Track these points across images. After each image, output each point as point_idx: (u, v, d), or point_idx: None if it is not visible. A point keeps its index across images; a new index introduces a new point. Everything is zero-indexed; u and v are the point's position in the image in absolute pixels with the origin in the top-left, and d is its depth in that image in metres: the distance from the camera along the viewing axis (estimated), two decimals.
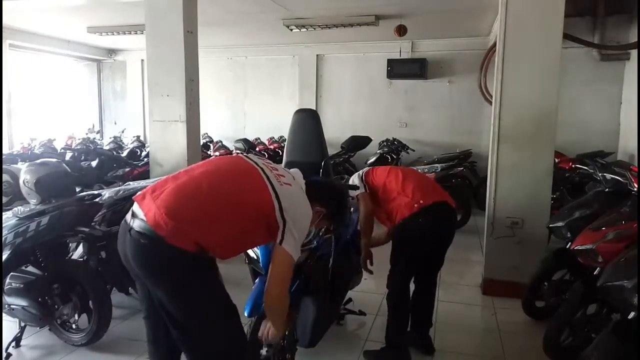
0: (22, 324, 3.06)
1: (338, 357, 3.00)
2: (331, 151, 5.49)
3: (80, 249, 3.35)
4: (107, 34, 8.22)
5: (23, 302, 2.90)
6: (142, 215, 1.81)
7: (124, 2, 6.17)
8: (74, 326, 3.04)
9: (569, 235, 3.06)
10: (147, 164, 5.37)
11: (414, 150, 8.11)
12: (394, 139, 8.07)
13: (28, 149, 7.52)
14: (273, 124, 9.32)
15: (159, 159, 4.65)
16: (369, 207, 2.98)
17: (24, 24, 8.00)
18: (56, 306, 2.97)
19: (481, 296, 3.99)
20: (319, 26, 7.11)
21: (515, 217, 3.87)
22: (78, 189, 3.80)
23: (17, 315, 2.98)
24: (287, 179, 1.96)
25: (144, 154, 7.45)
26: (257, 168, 1.94)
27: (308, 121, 2.96)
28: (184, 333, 1.87)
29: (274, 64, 9.66)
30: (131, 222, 1.83)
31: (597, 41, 6.50)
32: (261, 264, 2.23)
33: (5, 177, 4.65)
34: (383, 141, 8.02)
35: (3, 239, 2.84)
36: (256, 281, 2.33)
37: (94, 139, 9.04)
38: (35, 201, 3.04)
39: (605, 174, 3.30)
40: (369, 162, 7.24)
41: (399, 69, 8.42)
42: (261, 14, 6.73)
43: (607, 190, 3.21)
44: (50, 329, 3.07)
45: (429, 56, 8.45)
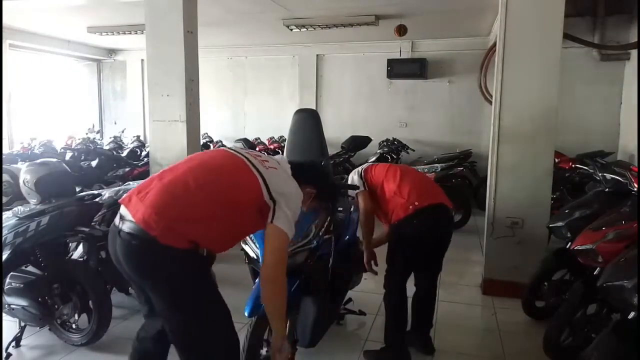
0: (22, 324, 3.06)
1: (338, 357, 3.00)
2: (331, 151, 5.49)
3: (80, 249, 3.36)
4: (107, 34, 8.22)
5: (23, 302, 2.90)
6: (130, 217, 1.80)
7: (124, 2, 6.17)
8: (74, 326, 3.04)
9: (569, 235, 3.06)
10: (147, 164, 5.37)
11: (414, 150, 8.11)
12: (394, 139, 8.08)
13: (28, 149, 7.52)
14: (273, 124, 9.32)
15: (159, 159, 4.65)
16: (369, 206, 2.96)
17: (24, 24, 8.00)
18: (56, 306, 2.97)
19: (481, 296, 3.99)
20: (319, 26, 7.11)
21: (515, 217, 3.87)
22: (78, 189, 3.80)
23: (17, 315, 2.98)
24: (272, 163, 1.99)
25: (144, 154, 7.45)
26: (241, 157, 1.96)
27: (308, 121, 2.96)
28: (179, 332, 1.87)
29: (274, 64, 9.66)
30: (120, 225, 1.82)
31: (597, 41, 6.49)
32: (261, 263, 2.22)
33: (5, 177, 4.64)
34: (383, 141, 8.02)
35: (3, 239, 2.85)
36: (256, 281, 2.33)
37: (94, 139, 9.03)
38: (35, 201, 3.04)
39: (605, 174, 3.30)
40: (369, 162, 7.23)
41: (399, 69, 8.41)
42: (261, 14, 6.73)
43: (607, 190, 3.21)
44: (50, 329, 3.07)
45: (429, 56, 8.45)
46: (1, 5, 3.99)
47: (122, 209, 1.86)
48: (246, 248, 2.34)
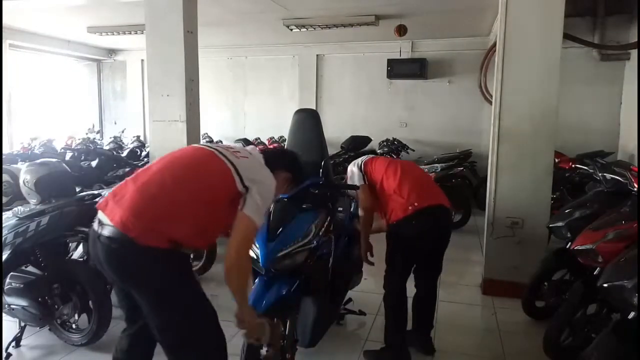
0: (22, 324, 3.06)
1: (338, 357, 3.00)
2: (331, 151, 5.49)
3: (80, 249, 3.36)
4: (107, 34, 8.22)
5: (23, 302, 2.90)
6: (108, 221, 1.81)
7: (124, 2, 6.17)
8: (74, 326, 3.05)
9: (569, 235, 3.06)
10: (147, 164, 5.35)
11: (414, 150, 8.11)
12: (394, 138, 8.07)
13: (28, 149, 7.52)
14: (273, 124, 9.32)
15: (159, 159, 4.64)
16: (369, 201, 2.93)
17: (24, 24, 8.00)
18: (56, 306, 2.97)
19: (481, 296, 3.99)
20: (319, 26, 7.11)
21: (515, 217, 3.87)
22: (78, 189, 3.80)
23: (17, 315, 2.99)
24: (243, 153, 2.04)
25: (144, 154, 7.45)
26: (211, 149, 2.01)
27: (308, 121, 2.96)
28: (165, 332, 1.87)
29: (274, 64, 9.66)
30: (99, 230, 1.83)
31: (597, 41, 6.50)
32: (261, 264, 2.23)
33: (5, 177, 4.65)
34: (383, 141, 8.02)
35: (3, 239, 2.85)
36: (256, 281, 2.33)
37: (94, 139, 9.04)
38: (35, 201, 3.04)
39: (605, 174, 3.30)
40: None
41: (399, 69, 8.41)
42: (261, 14, 6.73)
43: (607, 190, 3.21)
44: (50, 329, 3.07)
45: (429, 56, 8.45)
46: (1, 5, 3.99)
47: (100, 214, 1.88)
48: None
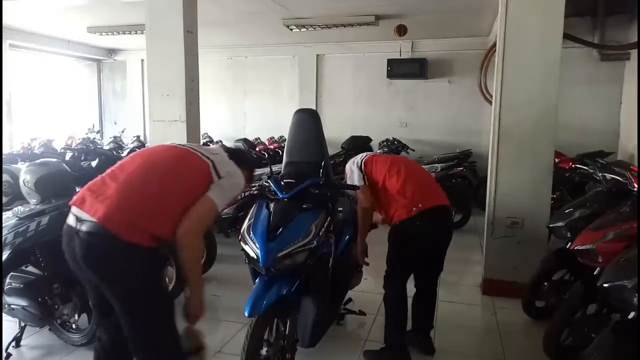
0: (22, 324, 3.06)
1: (338, 357, 3.01)
2: (331, 151, 5.49)
3: None
4: (107, 34, 8.23)
5: (23, 302, 2.90)
6: (89, 217, 1.82)
7: (124, 2, 6.17)
8: (74, 326, 3.05)
9: (569, 235, 3.06)
10: None
11: (414, 150, 8.11)
12: (394, 138, 8.07)
13: (28, 149, 7.52)
14: (273, 124, 9.32)
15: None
16: (369, 201, 2.91)
17: (24, 24, 8.00)
18: (56, 306, 2.97)
19: (481, 296, 4.00)
20: (319, 26, 7.11)
21: (515, 217, 3.87)
22: (78, 189, 3.80)
23: (17, 315, 2.99)
24: (213, 150, 2.20)
25: None
26: (187, 148, 2.15)
27: (308, 121, 2.95)
28: (136, 330, 1.89)
29: (274, 64, 9.66)
30: (77, 226, 1.83)
31: (597, 41, 6.50)
32: (261, 264, 2.23)
33: (5, 177, 4.65)
34: (383, 141, 8.03)
35: (3, 239, 2.84)
36: (256, 281, 2.33)
37: (94, 139, 9.04)
38: (35, 201, 3.04)
39: (605, 174, 3.30)
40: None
41: (399, 69, 8.41)
42: (261, 14, 6.73)
43: (607, 190, 3.21)
44: (50, 329, 3.07)
45: (429, 56, 8.45)
46: (1, 5, 3.99)
47: (76, 211, 1.88)
48: (246, 248, 2.33)
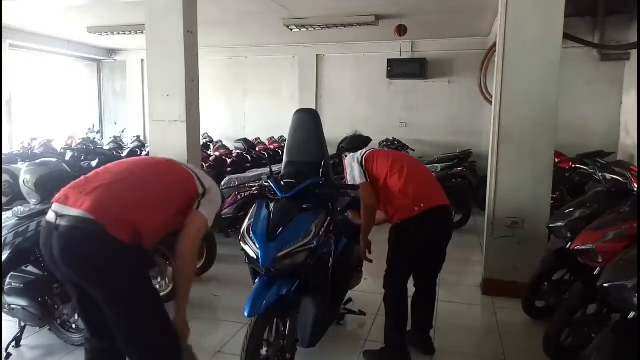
0: (22, 324, 3.06)
1: (338, 357, 3.00)
2: (331, 151, 5.48)
3: None
4: (107, 34, 8.23)
5: (23, 302, 2.89)
6: (72, 211, 1.83)
7: (124, 2, 6.17)
8: (74, 326, 3.04)
9: (569, 235, 3.06)
10: None
11: (414, 150, 8.11)
12: (394, 138, 8.08)
13: (28, 149, 7.52)
14: (273, 124, 9.33)
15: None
16: (372, 199, 2.88)
17: (24, 24, 8.00)
18: (56, 306, 2.97)
19: (481, 296, 4.00)
20: (319, 26, 7.11)
21: (515, 217, 3.87)
22: None
23: (17, 315, 2.98)
24: (192, 166, 2.34)
25: (144, 154, 7.45)
26: (169, 159, 2.30)
27: (308, 121, 2.95)
28: (122, 324, 1.90)
29: (274, 64, 9.67)
30: (57, 221, 1.84)
31: (597, 41, 6.50)
32: (261, 264, 2.23)
33: (5, 177, 4.66)
34: (383, 141, 8.03)
35: (3, 239, 2.84)
36: (256, 281, 2.33)
37: (94, 139, 9.05)
38: (35, 201, 3.04)
39: (605, 174, 3.30)
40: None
41: (399, 69, 8.42)
42: (261, 14, 6.73)
43: (607, 190, 3.21)
44: (50, 329, 3.07)
45: (429, 56, 8.45)
46: (1, 5, 3.99)
47: (58, 207, 1.90)
48: (246, 248, 2.33)
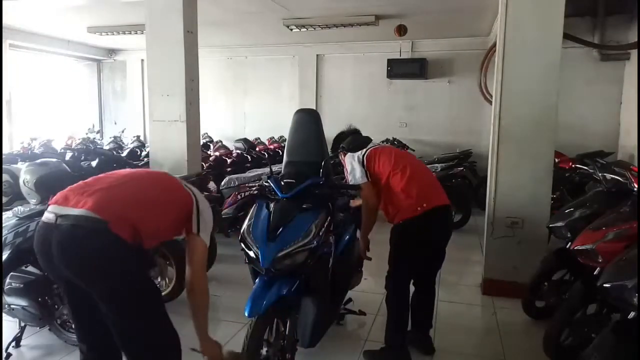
0: (22, 324, 3.06)
1: (338, 357, 3.00)
2: (331, 151, 5.48)
3: None
4: (107, 34, 8.23)
5: (23, 302, 2.89)
6: (75, 211, 1.85)
7: (124, 2, 6.17)
8: (73, 326, 3.04)
9: (569, 235, 3.06)
10: (147, 164, 5.38)
11: (414, 150, 8.10)
12: (394, 138, 8.08)
13: (28, 149, 7.52)
14: (273, 124, 9.33)
15: (159, 159, 4.66)
16: (374, 198, 2.88)
17: (24, 24, 8.00)
18: (56, 306, 2.97)
19: (481, 296, 3.99)
20: (319, 26, 7.11)
21: (515, 217, 3.87)
22: None
23: (17, 315, 2.98)
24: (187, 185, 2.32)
25: (144, 154, 7.45)
26: (166, 173, 2.33)
27: (308, 121, 2.95)
28: (124, 324, 1.90)
29: (274, 64, 9.67)
30: (59, 220, 1.85)
31: (597, 41, 6.50)
32: (261, 264, 2.23)
33: (5, 177, 4.66)
34: (383, 141, 8.02)
35: (3, 239, 2.84)
36: (256, 281, 2.33)
37: (94, 139, 9.04)
38: (35, 201, 3.04)
39: (605, 174, 3.30)
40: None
41: (399, 68, 8.42)
42: (261, 14, 6.73)
43: (607, 190, 3.21)
44: (50, 329, 3.07)
45: (429, 56, 8.45)
46: (1, 5, 3.99)
47: (56, 209, 1.91)
48: (246, 248, 2.33)
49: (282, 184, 2.56)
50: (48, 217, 1.91)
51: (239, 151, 7.25)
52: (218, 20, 6.97)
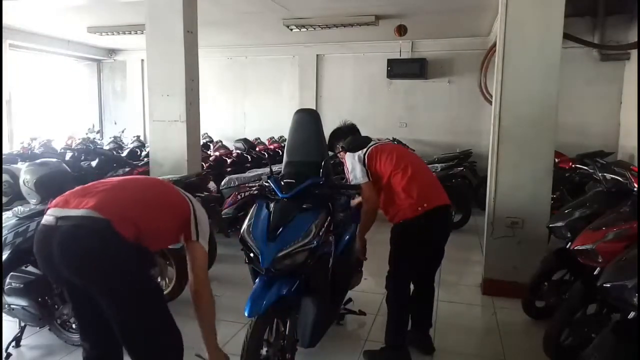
0: (22, 324, 3.06)
1: (338, 357, 3.00)
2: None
3: None
4: (107, 34, 8.23)
5: (23, 302, 2.89)
6: (77, 212, 1.87)
7: (124, 2, 6.17)
8: (74, 326, 3.03)
9: (569, 235, 3.06)
10: (147, 164, 5.37)
11: (413, 150, 8.06)
12: (394, 138, 8.06)
13: (28, 149, 7.51)
14: (273, 124, 9.33)
15: (159, 159, 4.66)
16: (375, 200, 2.87)
17: (24, 24, 8.00)
18: (56, 306, 2.97)
19: (481, 296, 3.99)
20: (319, 26, 7.11)
21: (515, 217, 3.87)
22: None
23: (17, 315, 2.98)
24: (184, 192, 2.34)
25: (144, 154, 7.45)
26: (161, 180, 2.36)
27: (308, 121, 2.95)
28: (126, 323, 1.90)
29: (274, 64, 9.67)
30: (59, 222, 1.86)
31: (597, 41, 6.50)
32: (261, 264, 2.23)
33: (5, 177, 4.65)
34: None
35: (3, 239, 2.84)
36: (256, 281, 2.33)
37: (94, 139, 9.04)
38: (35, 201, 3.04)
39: (605, 174, 3.30)
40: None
41: (399, 69, 8.42)
42: (261, 14, 6.73)
43: (607, 190, 3.21)
44: (50, 329, 3.07)
45: (429, 56, 8.45)
46: (1, 5, 3.99)
47: (57, 211, 1.91)
48: (246, 248, 2.33)
49: (282, 184, 2.56)
50: (48, 219, 1.91)
51: (239, 151, 7.25)
52: (218, 20, 6.97)
